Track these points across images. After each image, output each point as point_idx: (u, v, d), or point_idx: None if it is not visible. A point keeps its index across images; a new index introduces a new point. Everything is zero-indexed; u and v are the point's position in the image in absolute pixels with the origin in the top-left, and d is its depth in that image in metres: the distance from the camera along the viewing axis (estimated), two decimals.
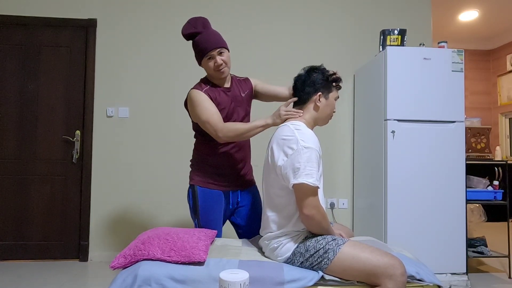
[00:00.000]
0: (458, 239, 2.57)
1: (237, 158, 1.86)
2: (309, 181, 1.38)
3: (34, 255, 3.09)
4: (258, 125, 1.68)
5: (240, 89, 1.89)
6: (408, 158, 2.57)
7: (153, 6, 3.26)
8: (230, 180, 1.86)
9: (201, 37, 1.76)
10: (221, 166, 1.83)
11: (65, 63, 3.19)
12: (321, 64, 1.68)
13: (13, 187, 3.11)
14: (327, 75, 1.62)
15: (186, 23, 1.79)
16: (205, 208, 1.80)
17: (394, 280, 1.31)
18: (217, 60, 1.75)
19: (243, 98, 1.89)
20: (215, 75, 1.79)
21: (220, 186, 1.83)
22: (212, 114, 1.69)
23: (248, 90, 1.93)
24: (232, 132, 1.68)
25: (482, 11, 4.63)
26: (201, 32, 1.77)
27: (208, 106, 1.71)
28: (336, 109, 1.69)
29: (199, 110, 1.71)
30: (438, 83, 2.62)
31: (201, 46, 1.76)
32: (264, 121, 1.68)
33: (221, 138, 1.69)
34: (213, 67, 1.76)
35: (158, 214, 3.17)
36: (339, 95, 1.72)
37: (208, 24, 1.81)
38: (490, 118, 5.73)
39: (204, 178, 1.82)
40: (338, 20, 3.37)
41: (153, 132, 3.20)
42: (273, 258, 1.52)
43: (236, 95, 1.86)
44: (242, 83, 1.93)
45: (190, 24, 1.79)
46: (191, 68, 3.25)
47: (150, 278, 1.33)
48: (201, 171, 1.84)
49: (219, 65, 1.75)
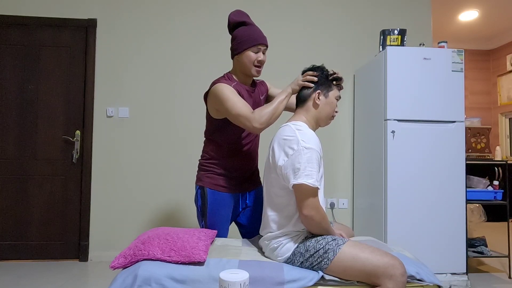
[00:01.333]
0: (458, 239, 2.57)
1: (248, 160, 1.85)
2: (309, 182, 1.38)
3: (34, 255, 3.09)
4: (282, 99, 1.66)
5: (260, 92, 1.90)
6: (408, 158, 2.57)
7: (153, 6, 3.26)
8: (242, 183, 1.84)
9: (251, 28, 1.74)
10: (232, 168, 1.81)
11: (65, 63, 3.20)
12: (322, 64, 1.68)
13: (13, 187, 3.11)
14: (326, 74, 1.62)
15: (235, 11, 1.78)
16: (213, 211, 1.78)
17: (394, 280, 1.31)
18: (261, 55, 1.74)
19: (261, 101, 1.89)
20: (249, 70, 1.75)
21: (230, 189, 1.80)
22: (241, 106, 1.63)
23: (265, 93, 1.94)
24: (265, 117, 1.61)
25: (482, 11, 4.63)
26: (250, 24, 1.76)
27: (238, 99, 1.65)
28: (338, 110, 1.68)
29: (229, 105, 1.64)
30: (438, 83, 2.62)
31: (250, 36, 1.72)
32: (286, 92, 1.67)
33: (258, 128, 1.62)
34: (254, 60, 1.73)
35: (158, 214, 3.17)
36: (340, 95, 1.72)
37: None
38: (490, 118, 5.73)
39: (215, 180, 1.79)
40: (338, 20, 3.37)
41: (153, 132, 3.20)
42: (273, 258, 1.52)
43: (257, 97, 1.85)
44: (260, 86, 1.93)
45: (240, 13, 1.78)
46: (191, 68, 3.26)
47: (150, 278, 1.33)
48: (212, 173, 1.80)
49: (262, 61, 1.74)
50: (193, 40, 3.26)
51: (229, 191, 1.80)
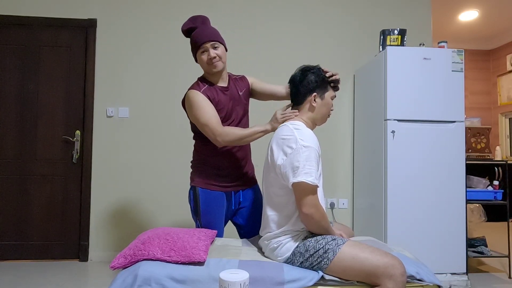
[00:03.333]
0: (458, 239, 2.57)
1: (238, 157, 1.86)
2: (308, 180, 1.39)
3: (34, 255, 3.09)
4: (257, 131, 1.70)
5: (237, 87, 1.88)
6: (408, 158, 2.57)
7: (153, 6, 3.26)
8: (232, 180, 1.85)
9: (196, 31, 1.76)
10: (221, 166, 1.82)
11: (65, 63, 3.19)
12: (317, 65, 1.66)
13: (13, 187, 3.11)
14: (322, 76, 1.61)
15: (187, 20, 1.80)
16: (206, 210, 1.79)
17: (394, 280, 1.31)
18: (210, 53, 1.73)
19: (241, 96, 1.88)
20: (208, 69, 1.77)
21: (222, 187, 1.81)
22: (210, 117, 1.67)
23: (245, 88, 1.92)
24: (231, 137, 1.68)
25: (482, 11, 4.62)
26: (198, 27, 1.77)
27: (207, 109, 1.69)
28: (334, 108, 1.68)
29: (198, 113, 1.69)
30: (438, 83, 2.62)
31: (195, 39, 1.75)
32: (264, 127, 1.70)
33: (220, 142, 1.68)
34: (206, 60, 1.74)
35: (158, 214, 3.17)
36: (339, 95, 1.71)
37: (207, 21, 1.81)
38: (490, 118, 5.73)
39: (205, 179, 1.81)
40: (338, 20, 3.37)
41: (153, 132, 3.20)
42: (273, 258, 1.52)
43: (234, 94, 1.85)
44: (238, 81, 1.92)
45: (189, 20, 1.80)
46: (191, 68, 3.25)
47: (150, 278, 1.33)
48: (202, 172, 1.82)
49: (211, 57, 1.72)
50: None
51: (220, 189, 1.81)
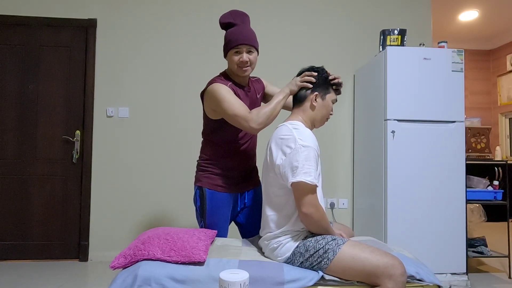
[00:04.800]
0: (458, 239, 2.57)
1: (247, 158, 1.85)
2: (307, 179, 1.39)
3: (34, 255, 3.09)
4: (280, 99, 1.65)
5: (256, 90, 1.89)
6: (408, 158, 2.57)
7: (153, 6, 3.26)
8: (239, 182, 1.84)
9: (236, 29, 1.73)
10: (230, 168, 1.81)
11: (65, 63, 3.20)
12: (322, 66, 1.68)
13: (13, 187, 3.11)
14: (325, 76, 1.62)
15: (227, 12, 1.77)
16: (212, 211, 1.78)
17: (394, 280, 1.31)
18: (243, 56, 1.70)
19: (258, 99, 1.89)
20: (236, 71, 1.74)
21: (229, 188, 1.80)
22: (239, 106, 1.63)
23: (261, 91, 1.93)
24: (262, 117, 1.61)
25: (482, 11, 4.63)
26: (237, 25, 1.74)
27: (234, 100, 1.65)
28: (333, 112, 1.69)
29: (226, 105, 1.64)
30: (438, 83, 2.62)
31: (232, 37, 1.71)
32: (283, 92, 1.66)
33: (255, 128, 1.62)
34: (237, 62, 1.71)
35: (158, 214, 3.17)
36: (339, 98, 1.71)
37: (247, 20, 1.78)
38: (490, 118, 5.73)
39: (213, 180, 1.79)
40: (338, 20, 3.37)
41: (153, 132, 3.20)
42: (273, 258, 1.52)
43: (253, 96, 1.85)
44: (256, 84, 1.92)
45: (230, 14, 1.77)
46: (191, 68, 3.26)
47: (150, 278, 1.33)
48: (210, 173, 1.80)
49: (244, 62, 1.71)
50: (193, 40, 3.26)
51: (228, 190, 1.80)
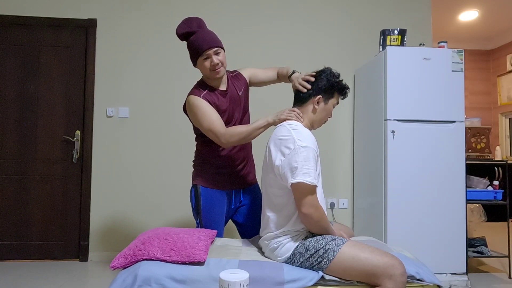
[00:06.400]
0: (458, 239, 2.57)
1: (239, 157, 1.87)
2: (306, 180, 1.39)
3: (34, 255, 3.09)
4: (260, 126, 1.66)
5: (236, 88, 1.87)
6: (408, 158, 2.57)
7: (153, 6, 3.26)
8: (232, 180, 1.86)
9: (196, 37, 1.72)
10: (223, 166, 1.83)
11: (65, 63, 3.19)
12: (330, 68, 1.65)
13: (13, 187, 3.11)
14: (332, 82, 1.61)
15: (181, 23, 1.76)
16: (207, 208, 1.80)
17: (394, 280, 1.31)
18: (213, 59, 1.71)
19: (241, 96, 1.88)
20: (210, 75, 1.76)
21: (223, 186, 1.83)
22: (213, 121, 1.67)
23: (243, 86, 1.92)
24: (235, 137, 1.66)
25: (482, 11, 4.63)
26: (196, 32, 1.73)
27: (209, 113, 1.68)
28: (332, 116, 1.69)
29: (200, 118, 1.69)
30: (438, 83, 2.62)
31: (196, 46, 1.71)
32: (266, 120, 1.65)
33: (225, 144, 1.68)
34: (209, 67, 1.72)
35: (158, 214, 3.17)
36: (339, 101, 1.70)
37: (203, 24, 1.77)
38: (490, 118, 5.73)
39: (207, 178, 1.82)
40: (338, 20, 3.37)
41: (153, 133, 3.20)
42: (273, 258, 1.52)
43: (234, 95, 1.84)
44: (236, 81, 1.90)
45: (184, 24, 1.75)
46: (191, 68, 3.24)
47: (150, 278, 1.33)
48: (204, 171, 1.84)
49: (215, 64, 1.71)
50: None
51: (222, 188, 1.82)
